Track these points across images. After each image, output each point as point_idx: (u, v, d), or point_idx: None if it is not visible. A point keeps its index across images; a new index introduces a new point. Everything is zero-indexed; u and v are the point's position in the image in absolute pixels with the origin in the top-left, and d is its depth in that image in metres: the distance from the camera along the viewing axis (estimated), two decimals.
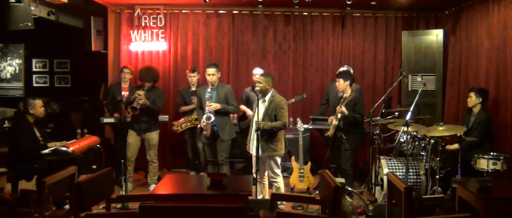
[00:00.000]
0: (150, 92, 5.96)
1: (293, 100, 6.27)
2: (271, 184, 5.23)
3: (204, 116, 5.57)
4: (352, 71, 6.33)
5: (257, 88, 5.04)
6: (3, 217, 3.63)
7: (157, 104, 6.06)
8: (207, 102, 5.55)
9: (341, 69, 6.25)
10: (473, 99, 5.52)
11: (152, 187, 6.11)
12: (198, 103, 5.90)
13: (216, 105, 5.56)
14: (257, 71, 6.25)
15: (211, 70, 5.64)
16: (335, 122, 5.51)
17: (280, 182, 5.13)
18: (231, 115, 6.14)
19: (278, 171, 5.13)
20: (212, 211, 2.96)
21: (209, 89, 5.66)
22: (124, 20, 7.27)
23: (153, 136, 6.12)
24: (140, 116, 5.92)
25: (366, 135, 6.13)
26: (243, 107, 6.48)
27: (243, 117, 6.62)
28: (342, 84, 5.53)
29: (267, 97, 5.08)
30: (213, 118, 5.56)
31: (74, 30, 7.92)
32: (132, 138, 6.02)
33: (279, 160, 5.13)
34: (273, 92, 5.14)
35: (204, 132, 5.66)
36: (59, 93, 8.77)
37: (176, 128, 6.57)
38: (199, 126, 5.78)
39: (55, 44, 8.77)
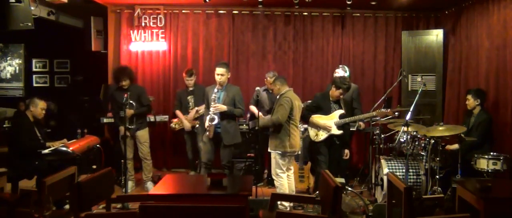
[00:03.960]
0: (132, 92, 5.83)
1: None
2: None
3: (208, 117, 5.33)
4: (347, 71, 6.35)
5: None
6: (3, 217, 3.63)
7: (144, 103, 6.06)
8: (212, 104, 5.33)
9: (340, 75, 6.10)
10: (471, 102, 5.51)
11: (148, 184, 6.15)
12: (206, 103, 5.64)
13: (221, 107, 5.32)
14: (267, 75, 6.33)
15: (220, 70, 5.33)
16: (334, 132, 5.47)
17: (279, 182, 5.08)
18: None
19: (280, 171, 5.09)
20: (212, 211, 2.96)
21: (216, 90, 5.38)
22: (124, 20, 7.27)
23: (143, 134, 6.11)
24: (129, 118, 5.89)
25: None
26: (252, 108, 6.49)
27: (253, 116, 6.61)
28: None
29: (278, 97, 5.20)
30: (216, 120, 5.31)
31: (74, 30, 7.91)
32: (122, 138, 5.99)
33: (281, 160, 5.07)
34: (285, 91, 5.12)
35: (206, 133, 5.43)
36: (59, 93, 8.77)
37: (174, 126, 6.60)
38: (197, 125, 5.73)
39: (55, 44, 8.76)
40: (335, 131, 5.44)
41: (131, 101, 5.74)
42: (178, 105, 6.62)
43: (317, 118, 5.50)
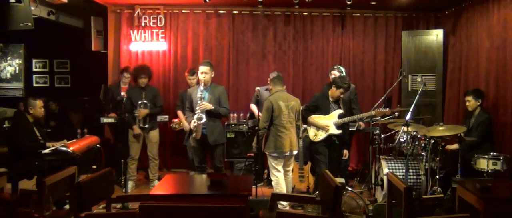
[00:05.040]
0: (147, 92, 6.04)
1: None
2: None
3: (195, 116, 5.26)
4: (343, 71, 6.30)
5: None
6: (3, 217, 3.63)
7: (158, 105, 6.22)
8: (199, 102, 5.27)
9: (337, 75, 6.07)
10: (472, 103, 5.49)
11: (155, 182, 6.18)
12: (188, 105, 5.61)
13: (207, 105, 5.27)
14: (271, 74, 6.29)
15: (204, 69, 5.29)
16: (332, 132, 5.45)
17: (275, 181, 5.15)
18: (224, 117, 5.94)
19: (273, 171, 5.15)
20: (212, 211, 2.96)
21: (201, 88, 5.31)
22: (124, 20, 7.27)
23: (155, 134, 6.26)
24: (143, 118, 6.05)
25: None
26: (252, 107, 6.50)
27: (252, 115, 6.62)
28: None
29: None
30: (204, 119, 5.25)
31: (74, 30, 7.92)
32: (135, 136, 6.08)
33: (271, 160, 5.16)
34: (273, 92, 5.24)
35: (193, 135, 5.39)
36: (59, 93, 8.77)
37: (174, 126, 6.62)
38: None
39: (55, 44, 8.77)
40: (334, 131, 5.44)
41: (145, 102, 5.98)
42: (180, 105, 6.61)
43: (316, 118, 5.50)
